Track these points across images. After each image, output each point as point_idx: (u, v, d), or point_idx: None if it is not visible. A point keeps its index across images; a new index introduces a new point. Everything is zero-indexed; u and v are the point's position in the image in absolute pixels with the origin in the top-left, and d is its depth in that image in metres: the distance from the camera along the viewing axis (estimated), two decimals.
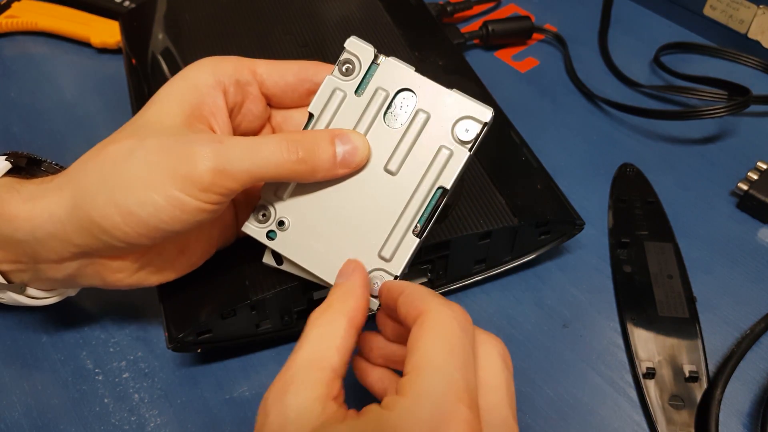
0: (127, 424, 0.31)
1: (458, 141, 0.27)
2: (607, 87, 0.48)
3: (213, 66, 0.28)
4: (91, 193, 0.25)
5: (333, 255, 0.27)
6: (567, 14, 0.55)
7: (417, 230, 0.27)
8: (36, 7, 0.52)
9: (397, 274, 0.27)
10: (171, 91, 0.27)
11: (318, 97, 0.28)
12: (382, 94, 0.27)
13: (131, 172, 0.25)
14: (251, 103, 0.30)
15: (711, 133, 0.45)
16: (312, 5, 0.44)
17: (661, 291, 0.36)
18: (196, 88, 0.27)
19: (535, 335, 0.35)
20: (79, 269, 0.28)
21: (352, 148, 0.27)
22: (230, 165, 0.25)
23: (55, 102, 0.47)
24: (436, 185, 0.27)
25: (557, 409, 0.32)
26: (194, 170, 0.25)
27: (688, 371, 0.32)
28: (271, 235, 0.28)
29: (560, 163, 0.42)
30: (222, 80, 0.28)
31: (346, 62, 0.28)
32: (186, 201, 0.25)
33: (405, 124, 0.27)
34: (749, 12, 0.49)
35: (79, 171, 0.26)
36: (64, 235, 0.26)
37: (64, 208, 0.26)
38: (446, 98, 0.27)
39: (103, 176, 0.25)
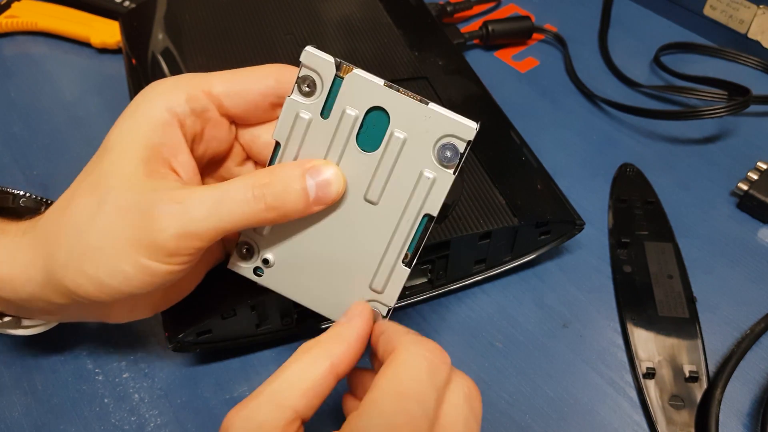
0: (127, 424, 0.31)
1: (440, 164, 0.24)
2: (607, 87, 0.48)
3: (163, 97, 0.26)
4: (61, 262, 0.25)
5: (324, 289, 0.26)
6: (567, 14, 0.55)
7: (407, 259, 0.26)
8: (36, 7, 0.52)
9: (390, 306, 0.26)
10: (123, 137, 0.25)
11: (280, 124, 0.25)
12: (351, 115, 0.24)
13: (95, 241, 0.24)
14: (212, 128, 0.27)
15: (711, 133, 0.45)
16: (312, 5, 0.44)
17: (661, 291, 0.36)
18: (150, 128, 0.25)
19: (535, 335, 0.35)
20: (74, 310, 0.28)
21: (324, 182, 0.24)
22: (194, 226, 0.23)
23: (55, 102, 0.47)
24: (421, 213, 0.25)
25: (557, 409, 0.32)
26: (157, 238, 0.23)
27: (688, 371, 0.32)
28: (258, 272, 0.27)
29: (560, 163, 0.42)
30: (176, 111, 0.25)
31: (305, 79, 0.24)
32: (155, 267, 0.24)
33: (381, 148, 0.24)
34: (749, 12, 0.49)
35: (50, 231, 0.25)
36: (45, 296, 0.26)
37: (40, 273, 0.25)
38: (423, 115, 0.24)
39: (69, 244, 0.25)
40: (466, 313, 0.36)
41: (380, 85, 0.24)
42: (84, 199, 0.25)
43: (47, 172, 0.43)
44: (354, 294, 0.26)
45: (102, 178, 0.25)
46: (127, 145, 0.25)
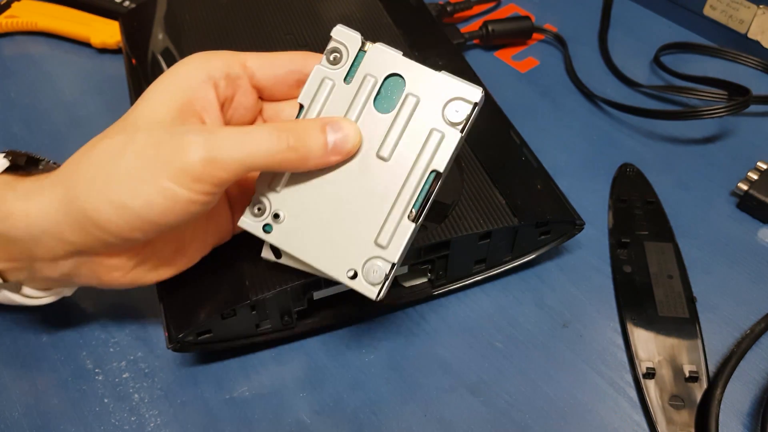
0: (127, 424, 0.31)
1: (449, 123, 0.27)
2: (607, 87, 0.48)
3: (203, 61, 0.28)
4: (84, 188, 0.25)
5: (329, 245, 0.27)
6: (567, 14, 0.55)
7: (412, 215, 0.27)
8: (36, 7, 0.52)
9: (394, 261, 0.27)
10: (161, 88, 0.27)
11: (307, 87, 0.28)
12: (370, 80, 0.27)
13: (123, 166, 0.25)
14: (242, 95, 0.29)
15: (711, 133, 0.45)
16: (312, 5, 0.44)
17: (661, 291, 0.36)
18: (186, 84, 0.27)
19: (535, 335, 0.35)
20: (75, 268, 0.28)
21: (343, 135, 0.27)
22: (221, 154, 0.25)
23: (55, 102, 0.47)
24: (429, 169, 0.27)
25: (557, 409, 0.32)
26: (185, 160, 0.25)
27: (688, 371, 0.32)
28: (267, 229, 0.28)
29: (560, 163, 0.43)
30: (212, 74, 0.28)
31: (334, 51, 0.28)
32: (178, 192, 0.25)
33: (395, 109, 0.27)
34: (749, 12, 0.49)
35: (73, 167, 0.26)
36: (58, 232, 0.26)
37: (58, 204, 0.26)
38: (435, 80, 0.27)
39: (95, 171, 0.25)
40: (466, 313, 0.36)
41: (399, 55, 0.27)
42: (113, 138, 0.26)
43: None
44: (359, 249, 0.27)
45: (133, 121, 0.27)
46: (163, 95, 0.27)
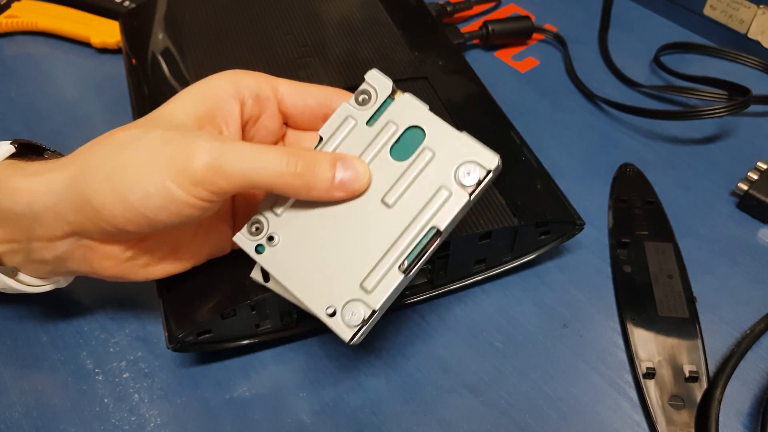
0: (127, 424, 0.31)
1: (459, 184, 0.26)
2: (607, 87, 0.48)
3: (236, 77, 0.29)
4: (91, 171, 0.26)
5: (316, 278, 0.27)
6: (567, 14, 0.55)
7: (403, 267, 0.26)
8: (36, 7, 0.52)
9: (375, 309, 0.26)
10: (188, 95, 0.28)
11: (330, 121, 0.28)
12: (392, 127, 0.27)
13: (131, 157, 0.25)
14: (267, 118, 0.30)
15: (711, 133, 0.45)
16: (312, 5, 0.44)
17: (661, 291, 0.36)
18: (214, 94, 0.28)
19: (535, 335, 0.35)
20: (70, 251, 0.28)
21: (352, 173, 0.27)
22: (227, 164, 0.25)
23: (55, 102, 0.47)
24: (430, 224, 0.26)
25: (557, 409, 0.32)
26: (189, 162, 0.25)
27: (688, 371, 0.32)
28: (259, 249, 0.28)
29: (560, 163, 0.42)
30: (242, 91, 0.29)
31: (363, 92, 0.28)
32: (176, 192, 0.25)
33: (409, 160, 0.27)
34: (749, 12, 0.49)
35: (85, 152, 0.27)
36: (58, 209, 0.26)
37: (63, 183, 0.26)
38: (455, 139, 0.26)
39: (104, 158, 0.26)
40: (466, 313, 0.36)
41: (425, 109, 0.27)
42: (129, 130, 0.27)
43: None
44: (342, 288, 0.26)
45: (153, 119, 0.27)
46: (187, 101, 0.28)
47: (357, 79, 0.39)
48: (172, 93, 0.38)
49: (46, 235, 0.27)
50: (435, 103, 0.39)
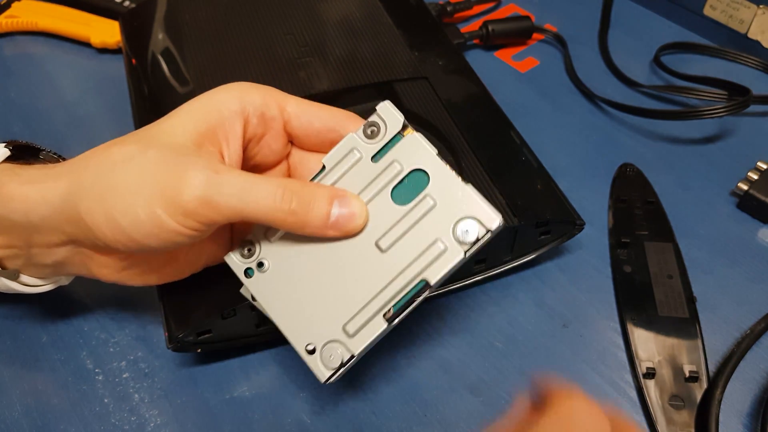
0: (127, 424, 0.31)
1: (457, 240, 0.25)
2: (608, 87, 0.48)
3: (241, 92, 0.28)
4: (85, 188, 0.26)
5: (299, 312, 0.26)
6: (567, 14, 0.55)
7: (388, 315, 0.26)
8: (36, 7, 0.52)
9: (354, 353, 0.26)
10: (191, 108, 0.27)
11: (334, 151, 0.27)
12: (396, 167, 0.26)
13: (124, 178, 0.25)
14: (271, 138, 0.29)
15: (711, 133, 0.45)
16: (312, 5, 0.44)
17: (661, 291, 0.36)
18: (217, 110, 0.27)
19: (535, 335, 0.35)
20: (69, 257, 0.28)
21: (349, 213, 0.26)
22: (218, 197, 0.24)
23: (55, 102, 0.47)
24: (420, 276, 0.25)
25: None
26: (180, 194, 0.24)
27: (688, 371, 0.32)
28: (248, 272, 0.27)
29: (560, 163, 0.42)
30: (247, 109, 0.27)
31: (372, 125, 0.27)
32: (166, 221, 0.25)
33: (410, 205, 0.26)
34: (749, 12, 0.49)
35: (80, 164, 0.27)
36: (54, 221, 0.26)
37: (58, 195, 0.26)
38: (458, 191, 0.25)
39: (98, 175, 0.26)
40: (466, 313, 0.36)
41: (433, 154, 0.26)
42: (128, 146, 0.26)
43: None
44: (325, 327, 0.26)
45: (152, 135, 0.26)
46: (189, 116, 0.27)
47: (357, 79, 0.39)
48: (172, 93, 0.39)
49: (44, 242, 0.27)
50: (435, 104, 0.39)
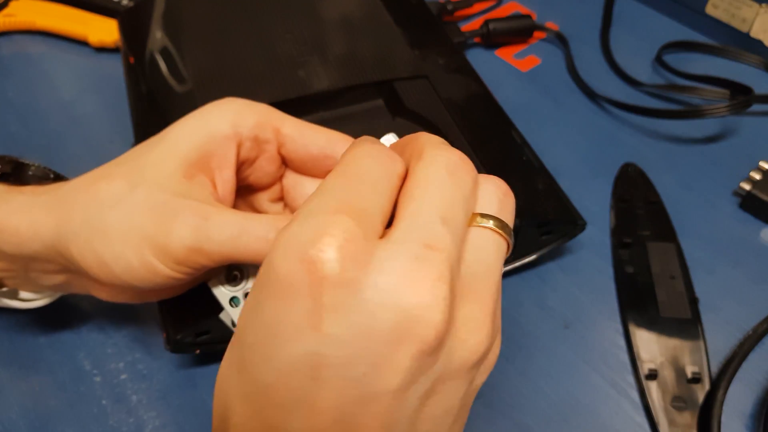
0: (125, 425, 0.31)
1: None
2: (609, 86, 0.48)
3: (234, 114, 0.26)
4: (74, 230, 0.25)
5: None
6: (568, 12, 0.54)
7: None
8: (34, 5, 0.52)
9: None
10: (183, 133, 0.26)
11: None
12: None
13: (113, 223, 0.24)
14: (265, 160, 0.28)
15: (713, 132, 0.45)
16: (312, 4, 0.44)
17: (663, 291, 0.35)
18: (209, 135, 0.26)
19: (536, 336, 0.35)
20: (67, 281, 0.28)
21: None
22: (208, 246, 0.24)
23: (53, 101, 0.47)
24: None
25: (558, 410, 0.32)
26: (170, 244, 0.24)
27: (690, 372, 0.32)
28: (234, 302, 0.27)
29: (562, 163, 0.42)
30: (240, 132, 0.26)
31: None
32: (158, 267, 0.24)
33: None
34: (751, 11, 0.48)
35: (68, 199, 0.26)
36: (48, 255, 0.26)
37: (49, 233, 0.26)
38: None
39: (87, 218, 0.25)
40: None
41: None
42: (117, 181, 0.25)
43: None
44: None
45: (142, 167, 0.25)
46: (180, 142, 0.26)
47: (356, 78, 0.39)
48: (170, 92, 0.38)
49: (41, 269, 0.27)
50: (435, 103, 0.38)
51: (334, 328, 0.17)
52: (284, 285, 0.17)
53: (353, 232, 0.17)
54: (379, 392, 0.17)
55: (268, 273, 0.18)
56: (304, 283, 0.17)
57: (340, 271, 0.17)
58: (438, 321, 0.17)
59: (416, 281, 0.17)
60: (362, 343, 0.17)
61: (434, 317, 0.17)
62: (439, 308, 0.17)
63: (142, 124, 0.39)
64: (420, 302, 0.17)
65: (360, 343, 0.17)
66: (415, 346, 0.17)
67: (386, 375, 0.17)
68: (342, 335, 0.17)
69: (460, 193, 0.19)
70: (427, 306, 0.17)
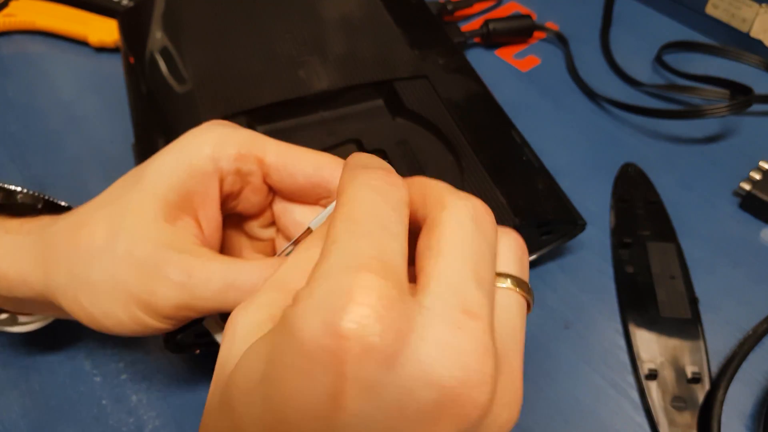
0: (125, 425, 0.31)
1: None
2: (609, 86, 0.48)
3: (214, 146, 0.25)
4: (61, 283, 0.25)
5: None
6: (568, 12, 0.54)
7: None
8: (34, 5, 0.52)
9: None
10: (161, 171, 0.24)
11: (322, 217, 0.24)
12: None
13: (99, 279, 0.24)
14: (251, 192, 0.26)
15: (713, 132, 0.45)
16: (312, 4, 0.44)
17: (663, 292, 0.35)
18: (189, 174, 0.24)
19: (537, 336, 0.35)
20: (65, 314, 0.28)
21: None
22: (194, 303, 0.24)
23: (53, 101, 0.47)
24: None
25: (559, 410, 0.32)
26: (156, 303, 0.24)
27: (690, 372, 0.32)
28: None
29: (562, 163, 0.42)
30: (221, 167, 0.25)
31: None
32: (149, 321, 0.24)
33: None
34: (751, 11, 0.48)
35: (52, 249, 0.25)
36: (41, 301, 0.26)
37: (38, 284, 0.26)
38: None
39: (72, 270, 0.25)
40: None
41: None
42: (98, 229, 0.24)
43: (45, 171, 0.42)
44: None
45: (122, 212, 0.24)
46: (159, 183, 0.24)
47: (356, 78, 0.39)
48: (170, 92, 0.38)
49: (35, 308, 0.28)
50: (435, 103, 0.38)
51: (364, 405, 0.15)
52: (310, 360, 0.15)
53: (388, 295, 0.15)
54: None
55: (290, 344, 0.16)
56: (334, 359, 0.15)
57: (381, 345, 0.15)
58: (484, 401, 0.16)
59: (461, 355, 0.16)
60: (393, 423, 0.15)
61: (481, 397, 0.16)
62: (487, 387, 0.16)
63: (142, 124, 0.39)
64: (467, 380, 0.16)
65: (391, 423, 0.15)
66: (454, 427, 0.16)
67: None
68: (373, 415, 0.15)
69: (488, 249, 0.18)
70: (475, 385, 0.16)
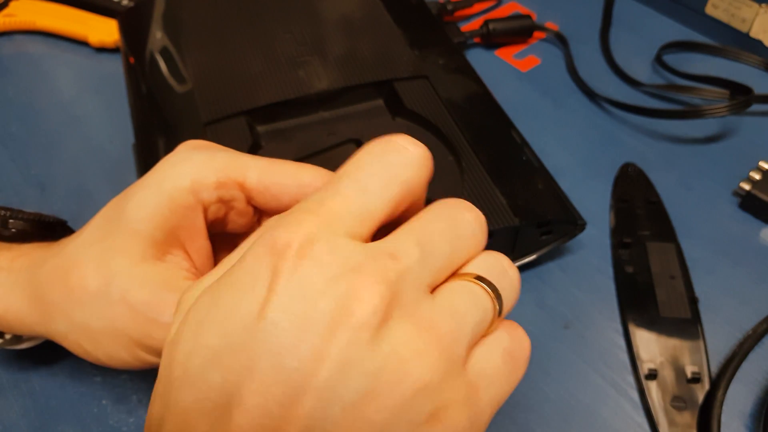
0: (125, 425, 0.31)
1: None
2: (609, 86, 0.48)
3: (192, 176, 0.24)
4: (60, 330, 0.25)
5: None
6: (568, 12, 0.54)
7: None
8: (34, 5, 0.52)
9: None
10: (141, 211, 0.24)
11: None
12: None
13: (98, 327, 0.24)
14: (236, 215, 0.26)
15: (713, 132, 0.45)
16: (312, 4, 0.44)
17: (663, 291, 0.35)
18: (170, 210, 0.24)
19: (536, 336, 0.35)
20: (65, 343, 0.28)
21: None
22: None
23: (53, 101, 0.47)
24: None
25: (558, 410, 0.32)
26: (157, 344, 0.24)
27: (690, 372, 0.32)
28: None
29: (561, 163, 0.42)
30: (202, 198, 0.24)
31: None
32: (152, 360, 0.25)
33: None
34: (751, 11, 0.48)
35: (48, 295, 0.25)
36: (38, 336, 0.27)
37: (37, 325, 0.26)
38: None
39: (70, 317, 0.25)
40: None
41: None
42: (89, 274, 0.24)
43: (45, 171, 0.42)
44: None
45: (110, 254, 0.24)
46: (143, 222, 0.24)
47: (356, 78, 0.39)
48: (170, 92, 0.38)
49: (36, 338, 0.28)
50: (435, 103, 0.38)
51: (278, 314, 0.17)
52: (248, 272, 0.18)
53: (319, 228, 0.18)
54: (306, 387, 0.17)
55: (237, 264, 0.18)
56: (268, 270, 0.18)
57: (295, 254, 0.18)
58: (375, 304, 0.17)
59: (361, 275, 0.17)
60: (301, 323, 0.17)
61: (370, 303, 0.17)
62: (373, 301, 0.17)
63: (142, 124, 0.39)
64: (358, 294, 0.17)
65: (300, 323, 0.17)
66: (347, 333, 0.17)
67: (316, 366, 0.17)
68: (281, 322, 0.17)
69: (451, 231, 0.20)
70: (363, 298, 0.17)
